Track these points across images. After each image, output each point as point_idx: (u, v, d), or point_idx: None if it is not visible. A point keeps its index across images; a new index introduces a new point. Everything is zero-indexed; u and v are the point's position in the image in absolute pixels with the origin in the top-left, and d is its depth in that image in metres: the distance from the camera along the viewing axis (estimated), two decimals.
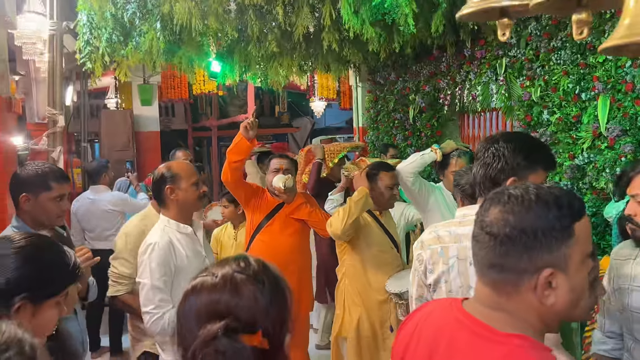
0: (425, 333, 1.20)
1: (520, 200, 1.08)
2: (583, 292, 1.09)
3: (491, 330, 1.08)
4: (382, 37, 4.56)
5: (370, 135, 7.28)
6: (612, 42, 1.11)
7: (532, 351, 1.04)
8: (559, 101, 4.26)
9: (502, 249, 1.06)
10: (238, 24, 4.47)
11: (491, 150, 1.76)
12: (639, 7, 1.08)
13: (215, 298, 1.07)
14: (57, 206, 2.37)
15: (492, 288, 1.10)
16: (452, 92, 5.63)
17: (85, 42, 4.50)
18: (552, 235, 1.05)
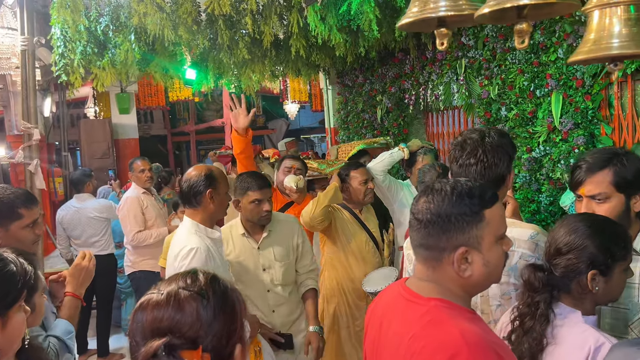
0: (379, 306, 1.42)
1: (439, 192, 1.26)
2: (496, 267, 1.27)
3: (417, 296, 1.27)
4: (348, 42, 4.56)
5: (341, 135, 7.28)
6: (580, 57, 1.16)
7: (447, 309, 1.21)
8: (516, 98, 4.32)
9: (426, 231, 1.25)
10: (209, 33, 4.42)
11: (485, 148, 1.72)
12: (602, 24, 1.13)
13: (159, 315, 1.05)
14: (30, 233, 2.14)
15: (423, 264, 1.29)
16: (416, 92, 5.66)
17: (59, 55, 4.39)
18: (463, 219, 1.22)
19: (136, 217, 4.44)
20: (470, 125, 5.30)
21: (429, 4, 1.36)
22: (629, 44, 1.13)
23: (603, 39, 1.14)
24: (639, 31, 1.14)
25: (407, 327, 1.24)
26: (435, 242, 1.24)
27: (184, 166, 13.97)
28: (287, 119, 13.03)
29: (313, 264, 3.04)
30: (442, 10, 1.34)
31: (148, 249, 4.48)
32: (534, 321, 1.48)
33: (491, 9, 1.19)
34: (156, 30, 3.94)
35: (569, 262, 1.48)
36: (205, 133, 13.04)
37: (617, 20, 1.15)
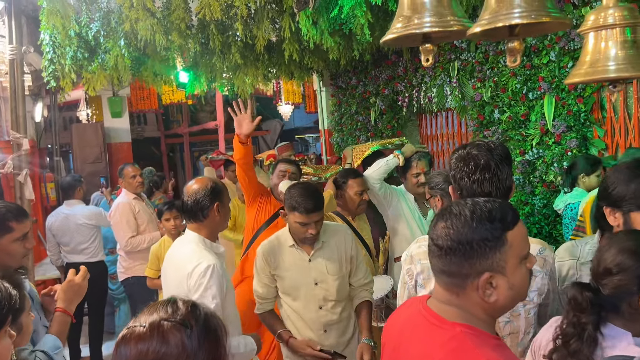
0: (398, 323, 1.40)
1: (458, 216, 1.21)
2: (521, 288, 1.23)
3: (441, 320, 1.23)
4: (341, 45, 4.55)
5: (335, 137, 7.27)
6: (576, 79, 1.14)
7: (473, 337, 1.17)
8: (508, 101, 4.32)
9: (447, 259, 1.21)
10: (201, 37, 4.40)
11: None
12: (598, 46, 1.11)
13: (144, 349, 1.04)
14: (21, 246, 2.10)
15: (445, 289, 1.25)
16: (409, 95, 5.66)
17: (49, 61, 4.36)
18: (485, 245, 1.18)
19: (129, 223, 4.41)
20: (464, 128, 5.30)
21: (412, 20, 1.34)
22: (626, 67, 1.12)
23: (599, 62, 1.13)
24: (635, 53, 1.12)
25: (430, 351, 1.21)
26: (457, 269, 1.20)
27: (177, 168, 13.92)
28: (282, 119, 13.00)
29: (367, 277, 2.79)
30: (426, 26, 1.32)
31: (141, 254, 4.45)
32: (581, 343, 1.40)
33: (483, 28, 1.17)
34: (148, 36, 3.90)
35: (620, 283, 1.39)
36: (198, 135, 12.98)
37: (613, 42, 1.13)
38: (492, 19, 1.16)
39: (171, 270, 2.38)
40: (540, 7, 1.14)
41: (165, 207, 4.08)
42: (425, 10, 1.33)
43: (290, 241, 2.67)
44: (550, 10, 1.16)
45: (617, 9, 1.14)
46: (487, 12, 1.18)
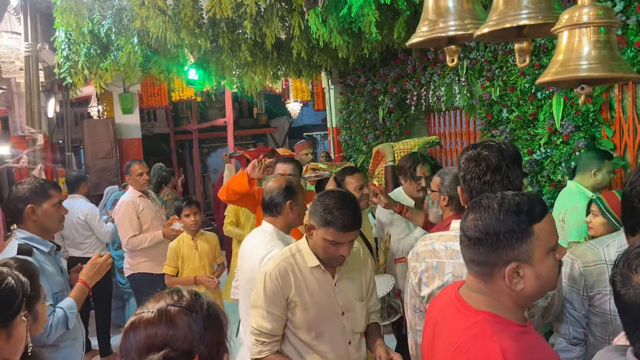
0: (435, 309, 1.48)
1: (487, 208, 1.26)
2: (549, 278, 1.26)
3: (467, 307, 1.30)
4: (350, 44, 4.56)
5: (343, 134, 7.28)
6: (547, 78, 1.14)
7: (493, 324, 1.23)
8: (517, 100, 4.31)
9: (476, 248, 1.27)
10: (211, 35, 4.43)
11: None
12: (571, 44, 1.11)
13: (152, 332, 1.09)
14: (57, 212, 2.54)
15: (474, 276, 1.31)
16: (418, 93, 5.66)
17: (64, 58, 4.41)
18: (512, 236, 1.22)
19: (131, 222, 4.40)
20: (472, 127, 5.30)
21: (438, 24, 1.36)
22: (597, 67, 1.11)
23: (571, 61, 1.12)
24: (608, 54, 1.11)
25: (454, 337, 1.28)
26: (485, 258, 1.26)
27: (186, 164, 13.98)
28: (290, 117, 13.02)
29: (378, 302, 2.48)
30: (451, 29, 1.34)
31: (144, 252, 4.46)
32: None
33: (491, 29, 1.18)
34: (158, 33, 3.94)
35: None
36: (207, 132, 13.03)
37: (586, 41, 1.12)
38: (500, 20, 1.17)
39: (246, 256, 2.60)
40: (547, 8, 1.16)
41: (184, 203, 4.06)
42: (449, 14, 1.36)
43: (314, 261, 2.16)
44: (557, 11, 1.17)
45: (593, 8, 1.12)
46: (495, 14, 1.20)
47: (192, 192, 13.02)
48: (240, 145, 12.73)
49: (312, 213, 2.13)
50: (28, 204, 2.45)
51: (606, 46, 1.11)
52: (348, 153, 7.04)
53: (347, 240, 2.08)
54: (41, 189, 2.51)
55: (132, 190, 4.56)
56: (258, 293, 2.15)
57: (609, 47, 1.12)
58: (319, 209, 2.09)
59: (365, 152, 6.49)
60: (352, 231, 2.07)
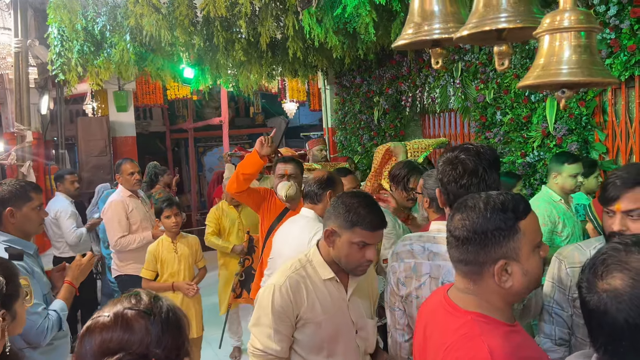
0: (424, 312, 1.50)
1: (473, 208, 1.29)
2: (535, 274, 1.28)
3: (455, 308, 1.32)
4: (345, 44, 4.57)
5: (338, 135, 7.29)
6: (528, 82, 1.14)
7: (481, 324, 1.25)
8: (511, 103, 4.32)
9: (464, 248, 1.28)
10: (205, 34, 4.42)
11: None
12: (552, 49, 1.11)
13: (108, 337, 1.07)
14: (37, 215, 2.48)
15: (463, 277, 1.32)
16: (413, 95, 5.67)
17: (57, 55, 4.39)
18: (499, 233, 1.24)
19: (120, 222, 4.29)
20: (466, 129, 5.31)
21: (422, 27, 1.36)
22: (577, 71, 1.12)
23: (552, 65, 1.12)
24: (588, 58, 1.12)
25: (445, 337, 1.31)
26: (474, 257, 1.28)
27: (182, 163, 13.96)
28: (286, 117, 13.02)
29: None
30: (436, 33, 1.34)
31: (131, 254, 4.34)
32: None
33: (470, 32, 1.19)
34: (152, 31, 3.93)
35: None
36: (203, 130, 13.01)
37: (567, 45, 1.12)
38: (479, 23, 1.17)
39: (289, 240, 2.71)
40: (527, 12, 1.16)
41: (165, 204, 3.85)
42: (434, 17, 1.37)
43: (328, 272, 1.95)
44: (537, 15, 1.17)
45: (574, 13, 1.13)
46: (474, 17, 1.20)
47: (187, 191, 13.00)
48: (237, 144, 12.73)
49: (333, 217, 1.90)
50: (7, 207, 2.39)
51: (586, 51, 1.11)
52: (343, 153, 7.05)
53: (376, 241, 1.90)
54: (22, 191, 2.44)
55: (122, 190, 4.43)
56: (263, 309, 1.89)
57: (589, 52, 1.12)
58: (342, 211, 1.88)
59: (360, 152, 6.50)
60: (380, 229, 1.90)
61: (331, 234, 1.90)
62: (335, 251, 1.92)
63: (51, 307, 2.36)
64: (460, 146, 1.75)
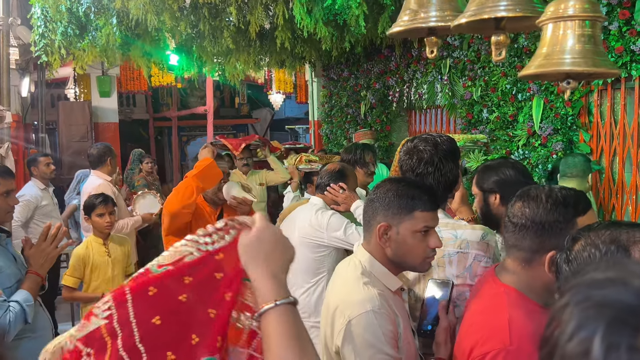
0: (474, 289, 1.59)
1: (535, 198, 1.33)
2: None
3: (495, 280, 1.40)
4: (334, 36, 4.54)
5: (324, 128, 7.26)
6: (530, 71, 1.13)
7: (511, 296, 1.32)
8: (498, 101, 4.34)
9: (520, 234, 1.33)
10: (192, 20, 4.36)
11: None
12: (555, 37, 1.10)
13: None
14: (4, 202, 2.25)
15: (513, 260, 1.37)
16: (400, 90, 5.66)
17: (39, 35, 4.30)
18: (556, 226, 1.29)
19: None
20: (452, 126, 5.33)
21: (419, 14, 1.35)
22: (581, 61, 1.11)
23: (555, 54, 1.11)
24: (592, 48, 1.11)
25: (477, 304, 1.41)
26: (528, 245, 1.32)
27: (165, 152, 13.82)
28: (272, 108, 12.96)
29: None
30: (432, 20, 1.33)
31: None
32: None
33: (468, 20, 1.17)
34: (139, 15, 3.87)
35: None
36: (187, 119, 12.89)
37: (571, 34, 1.12)
38: (478, 11, 1.16)
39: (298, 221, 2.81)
40: (527, 1, 1.15)
41: (98, 200, 3.36)
42: (430, 4, 1.35)
43: (395, 282, 1.62)
44: (537, 5, 1.16)
45: (579, 1, 1.12)
46: (473, 4, 1.19)
47: (170, 180, 12.87)
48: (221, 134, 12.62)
49: (381, 209, 1.56)
50: None
51: (590, 40, 1.11)
52: (329, 147, 7.02)
53: (436, 223, 1.60)
54: None
55: (101, 175, 4.35)
56: (365, 340, 1.46)
57: (593, 42, 1.11)
58: (392, 198, 1.55)
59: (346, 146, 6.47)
60: (438, 208, 1.62)
61: (386, 230, 1.55)
62: (394, 250, 1.57)
63: (12, 297, 2.11)
64: (420, 136, 1.84)
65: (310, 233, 2.74)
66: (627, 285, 0.43)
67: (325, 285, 2.75)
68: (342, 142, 6.64)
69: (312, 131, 7.91)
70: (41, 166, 4.81)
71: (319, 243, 2.75)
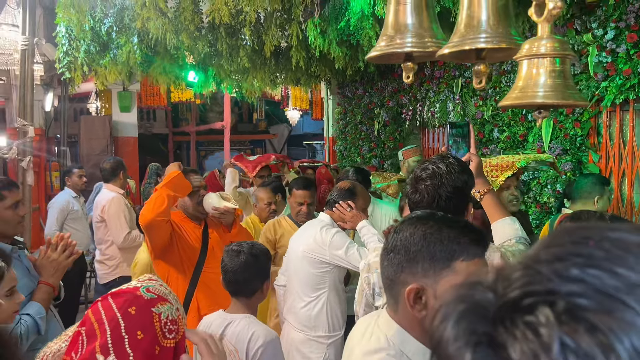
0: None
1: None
2: None
3: None
4: (347, 55, 4.64)
5: (338, 145, 7.36)
6: (508, 102, 1.22)
7: None
8: (508, 120, 4.39)
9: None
10: (210, 39, 4.51)
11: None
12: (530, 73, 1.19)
13: None
14: (14, 214, 2.27)
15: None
16: (413, 108, 5.74)
17: (64, 53, 4.48)
18: None
19: (125, 217, 4.34)
20: None
21: (395, 39, 1.43)
22: (552, 94, 1.20)
23: (529, 87, 1.21)
24: (562, 83, 1.21)
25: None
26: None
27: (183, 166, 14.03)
28: (289, 124, 13.14)
29: None
30: (407, 46, 1.41)
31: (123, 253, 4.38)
32: None
33: (450, 50, 1.26)
34: (158, 34, 4.02)
35: None
36: (205, 134, 13.13)
37: (543, 70, 1.21)
38: (460, 42, 1.25)
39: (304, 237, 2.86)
40: (505, 34, 1.24)
41: None
42: (407, 31, 1.43)
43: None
44: (515, 37, 1.25)
45: (550, 40, 1.21)
46: (456, 36, 1.27)
47: None
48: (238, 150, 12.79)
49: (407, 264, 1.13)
50: None
51: (560, 75, 1.20)
52: (343, 164, 7.11)
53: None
54: None
55: (114, 188, 4.49)
56: None
57: (563, 77, 1.20)
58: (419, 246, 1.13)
59: (360, 163, 6.54)
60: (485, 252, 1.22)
61: (418, 294, 1.12)
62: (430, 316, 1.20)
63: (24, 310, 2.08)
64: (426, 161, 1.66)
65: (313, 249, 2.79)
66: None
67: (325, 300, 2.79)
68: (356, 158, 6.72)
69: (326, 147, 8.01)
70: (74, 177, 5.20)
71: (320, 259, 2.78)
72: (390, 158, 6.22)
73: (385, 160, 6.34)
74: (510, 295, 0.37)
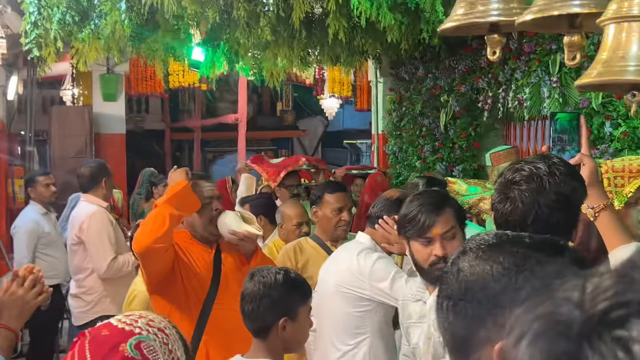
0: None
1: None
2: None
3: None
4: (403, 24, 4.66)
5: (391, 144, 7.36)
6: (587, 80, 1.20)
7: None
8: (625, 111, 4.31)
9: None
10: (222, 4, 4.59)
11: None
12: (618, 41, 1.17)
13: None
14: None
15: None
16: (494, 94, 5.69)
17: (32, 24, 4.62)
18: None
19: (110, 238, 4.36)
20: None
21: (476, 6, 1.44)
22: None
23: (615, 60, 1.18)
24: None
25: None
26: None
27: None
28: (325, 117, 13.16)
29: None
30: (493, 14, 1.41)
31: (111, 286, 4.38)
32: None
33: (534, 16, 1.26)
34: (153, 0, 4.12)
35: None
36: (214, 131, 13.23)
37: (636, 38, 1.20)
38: (547, 5, 1.24)
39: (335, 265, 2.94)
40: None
41: None
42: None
43: None
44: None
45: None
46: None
47: None
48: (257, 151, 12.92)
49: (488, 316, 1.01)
50: None
51: None
52: (396, 169, 7.11)
53: None
54: None
55: (95, 200, 4.53)
56: None
57: None
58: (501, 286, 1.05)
59: (419, 168, 6.53)
60: None
61: None
62: None
63: None
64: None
65: (349, 281, 2.76)
66: None
67: (367, 349, 2.76)
68: (414, 162, 6.71)
69: (374, 147, 8.02)
70: (39, 187, 5.19)
71: (359, 295, 2.75)
72: (461, 162, 6.18)
73: (455, 164, 6.30)
74: (598, 307, 0.39)
